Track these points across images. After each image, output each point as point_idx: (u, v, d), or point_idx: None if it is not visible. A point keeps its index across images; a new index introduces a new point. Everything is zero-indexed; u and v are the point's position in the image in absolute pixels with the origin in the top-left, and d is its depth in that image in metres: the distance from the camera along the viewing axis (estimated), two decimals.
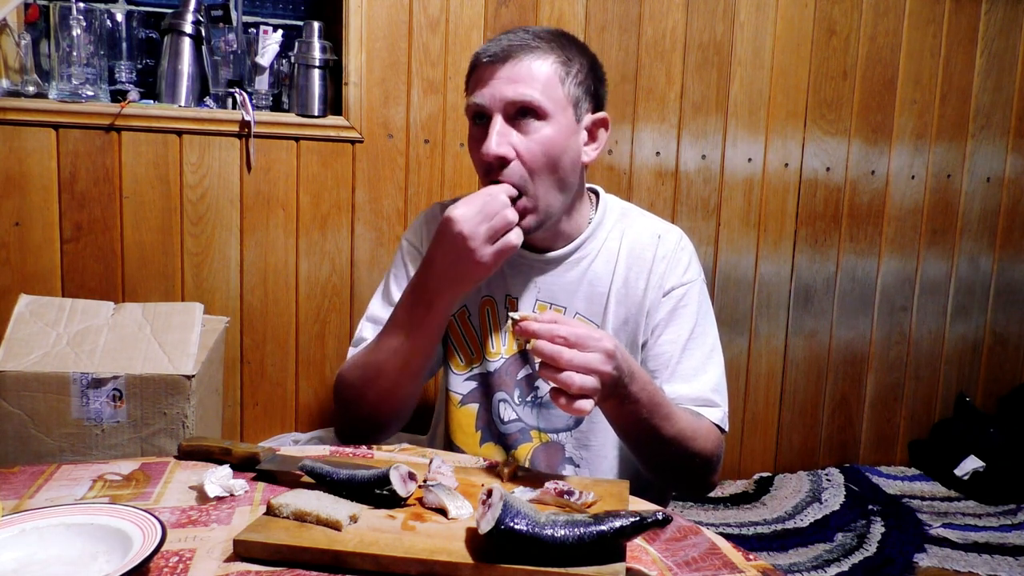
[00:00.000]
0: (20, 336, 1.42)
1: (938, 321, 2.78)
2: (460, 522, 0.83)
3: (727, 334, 2.50)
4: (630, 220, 1.26)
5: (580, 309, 1.21)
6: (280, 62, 2.08)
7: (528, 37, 1.13)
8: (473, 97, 1.14)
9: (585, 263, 1.22)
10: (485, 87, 1.12)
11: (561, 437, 1.21)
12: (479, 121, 1.14)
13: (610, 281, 1.21)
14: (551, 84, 1.12)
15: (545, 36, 1.15)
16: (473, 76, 1.17)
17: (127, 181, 1.93)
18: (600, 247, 1.23)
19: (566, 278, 1.22)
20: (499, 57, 1.11)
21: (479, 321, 1.23)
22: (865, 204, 2.63)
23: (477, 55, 1.17)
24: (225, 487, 0.90)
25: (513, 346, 1.23)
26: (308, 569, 0.74)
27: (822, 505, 2.42)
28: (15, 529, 0.76)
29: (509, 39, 1.13)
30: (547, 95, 1.11)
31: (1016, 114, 2.75)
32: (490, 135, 1.10)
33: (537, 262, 1.22)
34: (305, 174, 2.07)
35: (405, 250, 1.30)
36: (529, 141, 1.11)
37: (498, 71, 1.11)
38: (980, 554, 2.15)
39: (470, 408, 1.25)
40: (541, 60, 1.11)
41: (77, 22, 1.85)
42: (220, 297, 2.03)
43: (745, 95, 2.45)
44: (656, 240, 1.23)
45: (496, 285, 1.23)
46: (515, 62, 1.11)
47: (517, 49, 1.11)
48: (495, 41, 1.15)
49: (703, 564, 0.78)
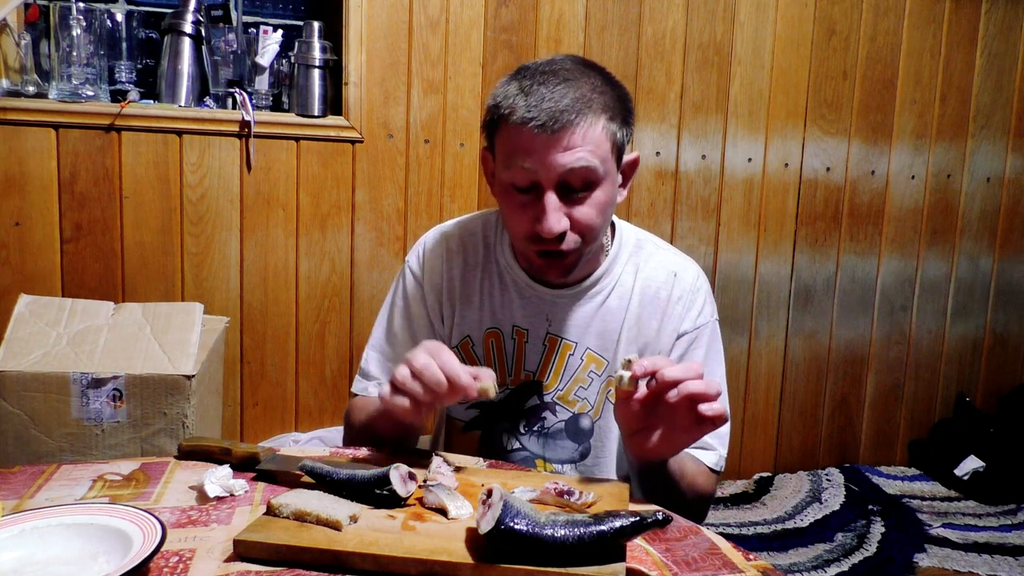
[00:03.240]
0: (20, 336, 1.42)
1: (938, 321, 2.78)
2: (460, 522, 0.83)
3: (727, 334, 2.50)
4: (645, 254, 1.22)
5: (591, 345, 1.19)
6: (280, 62, 2.08)
7: (574, 92, 1.02)
8: (517, 167, 1.03)
9: (599, 298, 1.19)
10: (535, 159, 1.02)
11: (566, 468, 1.21)
12: (522, 191, 1.06)
13: (623, 318, 1.18)
14: (603, 147, 1.04)
15: (586, 85, 1.04)
16: (507, 137, 1.05)
17: (127, 181, 1.93)
18: (615, 282, 1.19)
19: (579, 312, 1.19)
20: (547, 127, 1.01)
21: (483, 351, 1.21)
22: (865, 204, 2.64)
23: (513, 114, 1.03)
24: (225, 487, 0.90)
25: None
26: (308, 569, 0.74)
27: (822, 505, 2.42)
28: (15, 529, 0.76)
29: (551, 98, 1.01)
30: (601, 158, 1.04)
31: (1016, 114, 2.75)
32: (547, 214, 1.02)
33: (548, 295, 1.18)
34: (305, 174, 2.07)
35: (408, 281, 1.25)
36: (584, 208, 1.05)
37: (548, 141, 1.01)
38: (980, 554, 2.15)
39: (473, 434, 1.24)
40: (593, 125, 1.03)
41: (77, 22, 1.85)
42: (220, 297, 2.03)
43: (745, 95, 2.45)
44: (672, 279, 1.20)
45: (503, 316, 1.20)
46: (568, 132, 1.01)
47: (567, 115, 1.01)
48: (528, 94, 1.02)
49: (703, 564, 0.78)
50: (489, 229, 1.24)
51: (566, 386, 1.19)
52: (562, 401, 1.19)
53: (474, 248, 1.23)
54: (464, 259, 1.22)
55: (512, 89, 1.05)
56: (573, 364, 1.18)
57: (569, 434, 1.20)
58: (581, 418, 1.19)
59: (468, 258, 1.22)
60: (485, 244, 1.23)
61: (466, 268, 1.22)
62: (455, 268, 1.22)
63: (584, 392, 1.19)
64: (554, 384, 1.19)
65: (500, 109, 1.05)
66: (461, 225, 1.26)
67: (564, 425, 1.19)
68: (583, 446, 1.20)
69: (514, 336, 1.20)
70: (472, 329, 1.22)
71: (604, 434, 1.19)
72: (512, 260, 1.20)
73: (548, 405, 1.19)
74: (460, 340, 1.22)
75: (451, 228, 1.26)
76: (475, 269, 1.22)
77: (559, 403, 1.19)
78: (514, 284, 1.20)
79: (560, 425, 1.19)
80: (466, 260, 1.22)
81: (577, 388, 1.19)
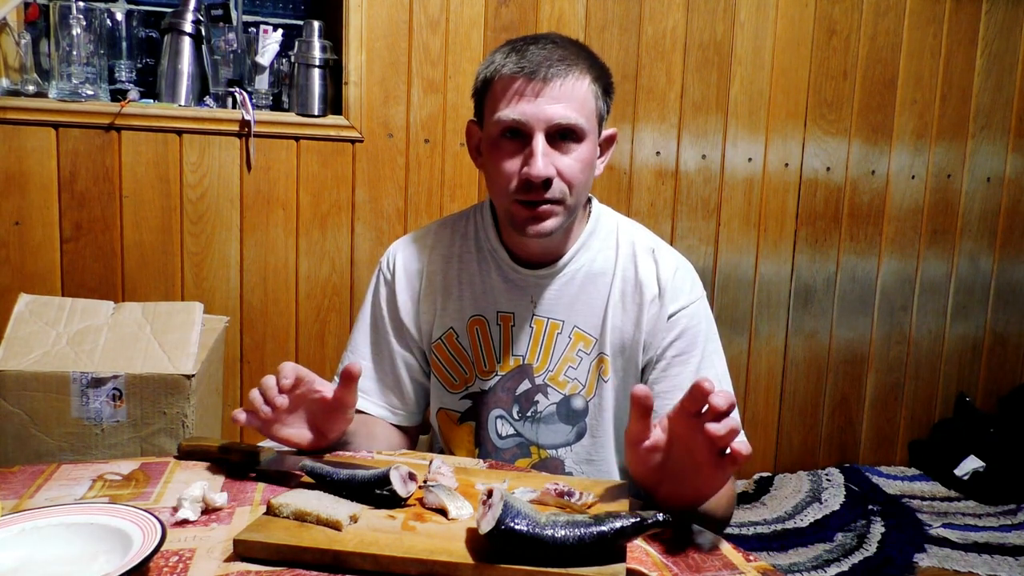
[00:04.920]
0: (20, 335, 1.42)
1: (938, 321, 2.78)
2: (460, 522, 0.82)
3: (727, 334, 2.50)
4: (623, 232, 1.24)
5: (578, 323, 1.19)
6: (280, 61, 2.08)
7: (563, 52, 1.09)
8: (508, 112, 1.08)
9: (581, 275, 1.20)
10: (524, 104, 1.08)
11: (560, 452, 1.21)
12: (512, 136, 1.10)
13: (607, 295, 1.19)
14: (588, 103, 1.10)
15: (573, 50, 1.11)
16: (501, 88, 1.10)
17: (127, 181, 1.93)
18: (594, 258, 1.21)
19: (563, 292, 1.20)
20: (538, 74, 1.07)
21: (468, 341, 1.22)
22: (865, 204, 2.63)
23: (504, 67, 1.10)
24: (206, 501, 0.85)
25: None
26: (308, 569, 0.74)
27: (822, 505, 2.42)
28: (15, 529, 0.76)
29: (542, 53, 1.08)
30: (586, 116, 1.10)
31: (1016, 114, 2.75)
32: (535, 156, 1.07)
33: (532, 276, 1.20)
34: (305, 174, 2.07)
35: (382, 284, 1.27)
36: (570, 160, 1.10)
37: (539, 89, 1.07)
38: (980, 554, 2.15)
39: (468, 426, 1.24)
40: (580, 80, 1.09)
41: (77, 21, 1.85)
42: (220, 297, 2.02)
43: (745, 95, 2.45)
44: (651, 255, 1.21)
45: (486, 303, 1.21)
46: (558, 81, 1.07)
47: (557, 66, 1.07)
48: (521, 53, 1.09)
49: (703, 564, 0.78)
50: (469, 220, 1.26)
51: (556, 366, 1.19)
52: (553, 383, 1.19)
53: (449, 241, 1.25)
54: (440, 253, 1.24)
55: (503, 52, 1.12)
56: (561, 343, 1.19)
57: (561, 417, 1.20)
58: (573, 399, 1.19)
59: (444, 251, 1.24)
60: (463, 235, 1.25)
61: (444, 261, 1.24)
62: (435, 263, 1.24)
63: (574, 372, 1.19)
64: (544, 365, 1.19)
65: (492, 67, 1.12)
66: (432, 226, 1.30)
67: (556, 408, 1.20)
68: (578, 426, 1.20)
69: (499, 322, 1.21)
70: (455, 320, 1.22)
71: (599, 412, 1.19)
72: (497, 243, 1.21)
73: (540, 387, 1.20)
74: (444, 333, 1.22)
75: (421, 231, 1.30)
76: (452, 260, 1.24)
77: (550, 385, 1.19)
78: (497, 268, 1.21)
79: (552, 408, 1.20)
80: (442, 253, 1.24)
81: (567, 368, 1.19)
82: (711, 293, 2.46)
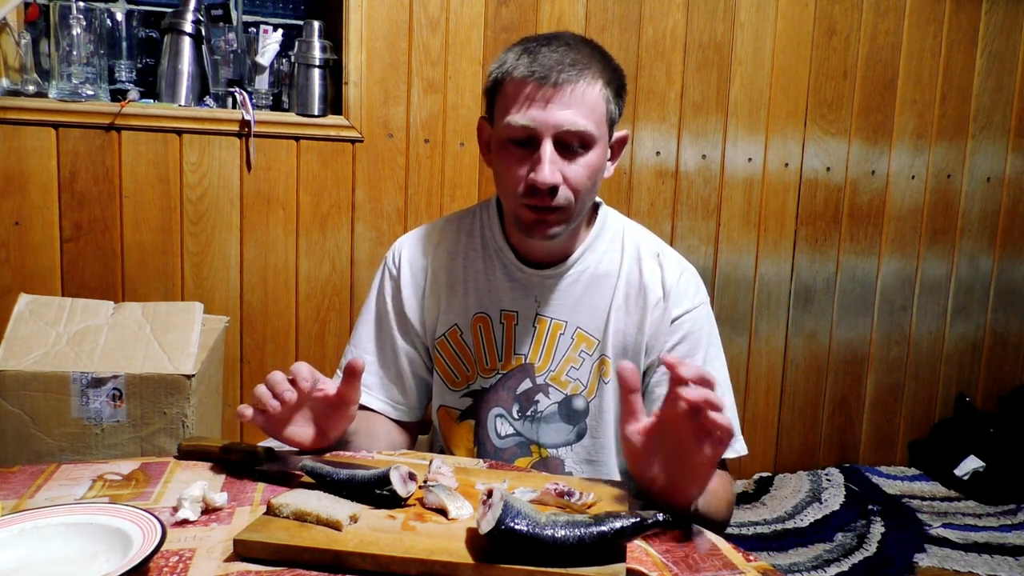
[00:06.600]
0: (20, 335, 1.42)
1: (938, 321, 2.78)
2: (460, 522, 0.82)
3: (727, 334, 2.50)
4: (629, 235, 1.24)
5: (582, 324, 1.19)
6: (280, 61, 2.08)
7: (575, 55, 1.08)
8: (518, 117, 1.07)
9: (586, 277, 1.20)
10: (534, 110, 1.06)
11: (561, 452, 1.21)
12: (521, 141, 1.09)
13: (611, 297, 1.19)
14: (599, 108, 1.09)
15: (586, 52, 1.09)
16: (512, 91, 1.09)
17: (127, 180, 1.93)
18: (600, 259, 1.21)
19: (567, 292, 1.20)
20: (549, 79, 1.05)
21: (472, 338, 1.22)
22: (865, 204, 2.64)
23: (516, 69, 1.08)
24: (206, 502, 0.86)
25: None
26: (308, 569, 0.74)
27: (822, 505, 2.42)
28: (15, 529, 0.76)
29: (554, 57, 1.07)
30: (596, 121, 1.08)
31: (1016, 114, 2.75)
32: (543, 163, 1.06)
33: (536, 276, 1.20)
34: (305, 174, 2.07)
35: (387, 278, 1.26)
36: (577, 167, 1.09)
37: (549, 95, 1.06)
38: (980, 554, 2.15)
39: (468, 424, 1.24)
40: (592, 85, 1.07)
41: (77, 21, 1.85)
42: (220, 297, 2.02)
43: (745, 95, 2.45)
44: (656, 259, 1.21)
45: (490, 301, 1.21)
46: (569, 87, 1.06)
47: (569, 71, 1.06)
48: (533, 55, 1.08)
49: (703, 565, 0.78)
50: (475, 217, 1.26)
51: (558, 366, 1.19)
52: (555, 383, 1.19)
53: (455, 237, 1.25)
54: (446, 249, 1.24)
55: (515, 52, 1.11)
56: (564, 344, 1.19)
57: (562, 416, 1.20)
58: (574, 399, 1.19)
59: (450, 248, 1.24)
60: (469, 232, 1.25)
61: (449, 258, 1.24)
62: (441, 260, 1.24)
63: (576, 372, 1.19)
64: (546, 365, 1.19)
65: (504, 68, 1.11)
66: (439, 223, 1.29)
67: (557, 408, 1.20)
68: (578, 427, 1.20)
69: (503, 320, 1.21)
70: (459, 317, 1.22)
71: (600, 413, 1.19)
72: (503, 242, 1.21)
73: (541, 387, 1.20)
74: (447, 329, 1.22)
75: (427, 226, 1.29)
76: (457, 257, 1.23)
77: (552, 384, 1.19)
78: (503, 266, 1.21)
79: (553, 408, 1.20)
80: (448, 250, 1.24)
81: (569, 368, 1.19)
82: (711, 293, 2.45)
